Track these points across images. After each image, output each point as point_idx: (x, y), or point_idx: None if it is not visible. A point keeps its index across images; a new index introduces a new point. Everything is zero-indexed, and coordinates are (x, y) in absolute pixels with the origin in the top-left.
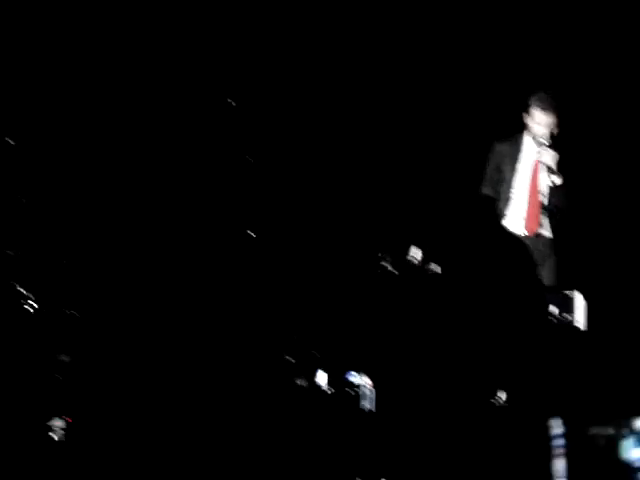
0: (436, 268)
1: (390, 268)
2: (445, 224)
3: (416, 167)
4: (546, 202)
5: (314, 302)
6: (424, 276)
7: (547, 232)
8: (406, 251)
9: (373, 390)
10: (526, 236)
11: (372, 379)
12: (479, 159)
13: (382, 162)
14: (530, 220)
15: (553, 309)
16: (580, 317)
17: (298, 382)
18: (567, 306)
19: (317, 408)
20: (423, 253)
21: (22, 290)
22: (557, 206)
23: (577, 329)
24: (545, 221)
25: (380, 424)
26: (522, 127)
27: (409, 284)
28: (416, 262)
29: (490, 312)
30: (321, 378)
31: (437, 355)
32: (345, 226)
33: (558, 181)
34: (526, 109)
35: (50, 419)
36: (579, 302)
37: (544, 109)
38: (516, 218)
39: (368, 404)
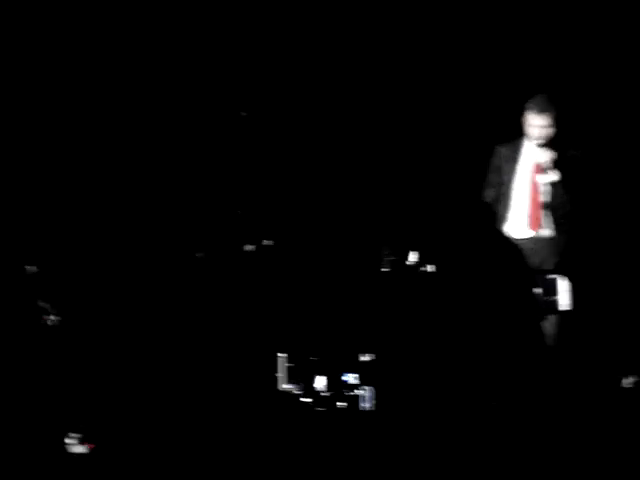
0: (432, 268)
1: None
2: (446, 225)
3: (417, 170)
4: (545, 200)
5: (309, 302)
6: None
7: (548, 230)
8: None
9: (372, 390)
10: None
11: (371, 379)
12: (482, 163)
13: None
14: (532, 219)
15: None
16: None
17: (293, 385)
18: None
19: (316, 411)
20: (421, 255)
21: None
22: (556, 204)
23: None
24: (547, 219)
25: (381, 425)
26: (522, 130)
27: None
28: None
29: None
30: (319, 382)
31: (436, 351)
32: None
33: (555, 179)
34: (524, 112)
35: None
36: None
37: (539, 111)
38: (519, 218)
39: (367, 405)
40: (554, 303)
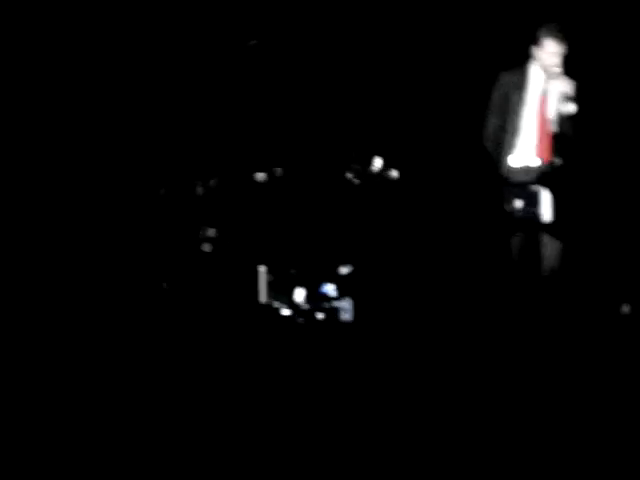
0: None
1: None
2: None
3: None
4: (556, 130)
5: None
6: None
7: (558, 159)
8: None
9: (351, 301)
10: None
11: (349, 291)
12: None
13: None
14: (542, 148)
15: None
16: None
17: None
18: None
19: (296, 324)
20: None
21: None
22: (567, 134)
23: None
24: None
25: (362, 337)
26: (529, 57)
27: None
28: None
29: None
30: (298, 294)
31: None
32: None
33: (567, 109)
34: (534, 39)
35: None
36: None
37: (554, 38)
38: (527, 147)
39: (347, 316)
40: (535, 215)
